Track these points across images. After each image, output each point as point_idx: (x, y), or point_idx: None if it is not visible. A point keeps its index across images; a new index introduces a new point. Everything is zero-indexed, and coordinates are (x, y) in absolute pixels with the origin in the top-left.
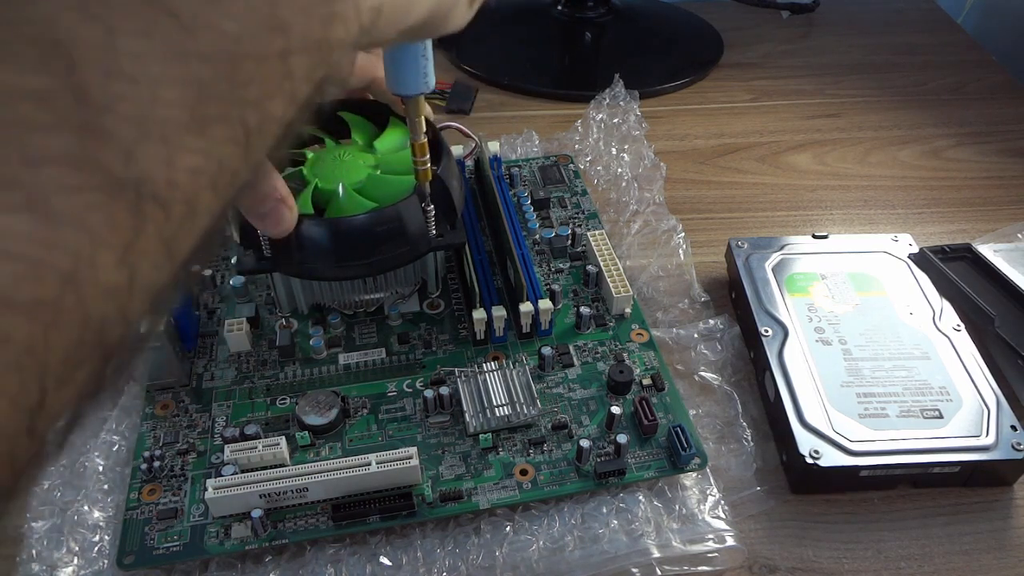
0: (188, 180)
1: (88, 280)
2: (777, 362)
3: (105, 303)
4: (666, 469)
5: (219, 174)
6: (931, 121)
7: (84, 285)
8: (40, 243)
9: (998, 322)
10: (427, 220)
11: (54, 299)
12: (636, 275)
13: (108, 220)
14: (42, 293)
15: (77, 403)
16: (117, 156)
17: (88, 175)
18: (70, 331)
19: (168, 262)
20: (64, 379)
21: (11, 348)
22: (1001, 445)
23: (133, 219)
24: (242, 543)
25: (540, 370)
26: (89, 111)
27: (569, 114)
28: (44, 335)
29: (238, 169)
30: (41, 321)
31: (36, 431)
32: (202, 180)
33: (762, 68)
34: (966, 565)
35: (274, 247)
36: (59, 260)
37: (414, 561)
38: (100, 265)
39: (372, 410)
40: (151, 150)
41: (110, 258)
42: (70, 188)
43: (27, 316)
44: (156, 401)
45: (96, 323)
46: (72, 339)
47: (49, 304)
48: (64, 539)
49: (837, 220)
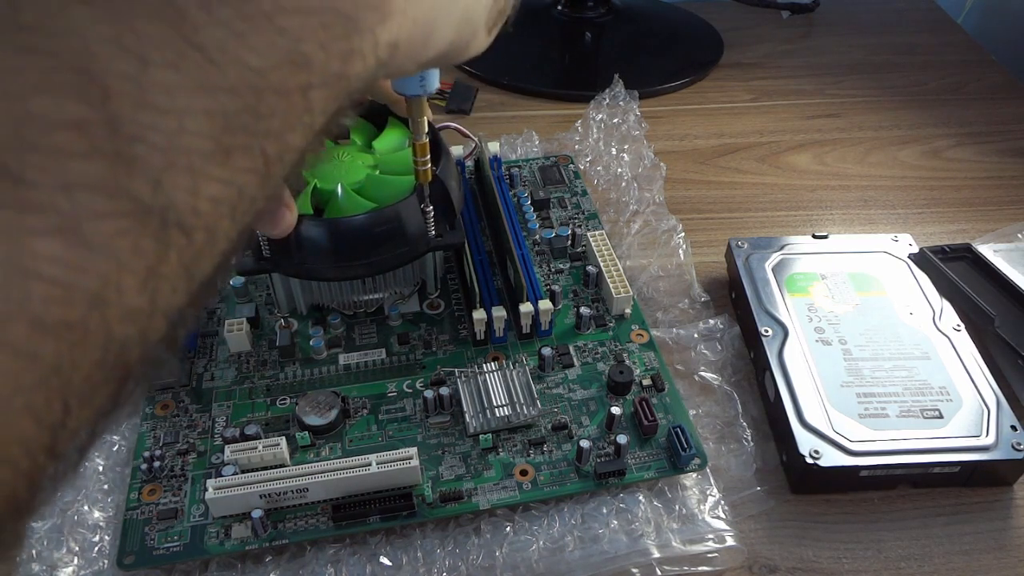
0: (210, 208)
1: (113, 303)
2: (777, 362)
3: (127, 325)
4: (666, 470)
5: (239, 202)
6: (931, 121)
7: (109, 308)
8: (70, 267)
9: (998, 322)
10: (426, 220)
11: (81, 321)
12: (636, 275)
13: (134, 246)
14: (70, 315)
15: (96, 422)
16: (146, 184)
17: (118, 202)
18: (93, 352)
19: (187, 286)
20: (86, 399)
21: (39, 367)
22: (1001, 445)
23: (158, 245)
24: (242, 543)
25: (540, 370)
26: (121, 140)
27: (569, 114)
28: (70, 355)
29: (256, 197)
30: (67, 341)
31: (57, 449)
32: (223, 208)
33: (762, 68)
34: (966, 565)
35: (273, 247)
36: (87, 283)
37: (414, 561)
38: (125, 289)
39: (372, 410)
40: (178, 179)
41: (134, 282)
42: (101, 214)
43: (55, 337)
44: (156, 401)
45: (118, 345)
46: (95, 360)
47: (76, 326)
48: (64, 539)
49: (837, 220)
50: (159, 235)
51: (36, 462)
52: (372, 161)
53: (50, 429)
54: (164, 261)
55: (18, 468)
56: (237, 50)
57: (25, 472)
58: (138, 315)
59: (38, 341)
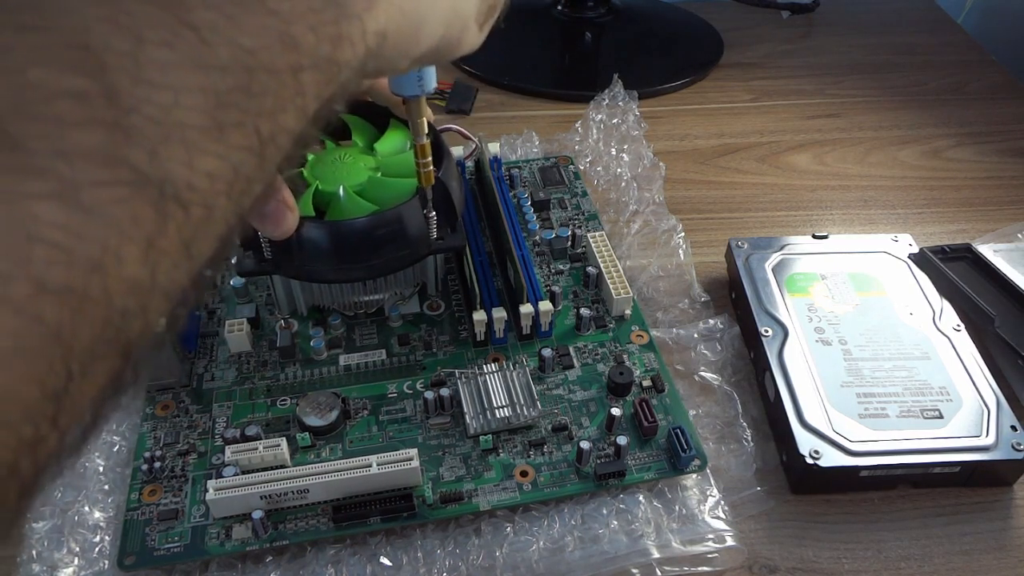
0: (207, 184)
1: (113, 272)
2: (777, 362)
3: (127, 297)
4: (666, 471)
5: (235, 180)
6: (931, 121)
7: (109, 276)
8: (71, 231)
9: (998, 322)
10: (428, 223)
11: (82, 287)
12: (636, 275)
13: (133, 215)
14: (72, 279)
15: (97, 401)
16: (142, 154)
17: (116, 170)
18: (94, 320)
19: (187, 263)
20: (87, 369)
21: (40, 329)
22: (1001, 445)
23: (156, 216)
24: (243, 544)
25: (540, 371)
26: (119, 111)
27: (569, 114)
28: (71, 321)
29: (252, 177)
30: (69, 307)
31: (59, 421)
32: (219, 185)
33: (762, 68)
34: (966, 565)
35: (274, 249)
36: (88, 249)
37: (414, 562)
38: (125, 258)
39: (373, 411)
40: (173, 151)
41: (134, 252)
42: (100, 182)
43: (57, 300)
44: (157, 402)
45: (118, 315)
46: (96, 329)
47: (77, 291)
48: (65, 540)
49: (837, 220)
50: (157, 206)
51: (39, 431)
52: (374, 163)
53: (52, 397)
54: (163, 234)
55: (21, 436)
56: (229, 30)
57: (28, 442)
58: (139, 287)
59: (40, 303)
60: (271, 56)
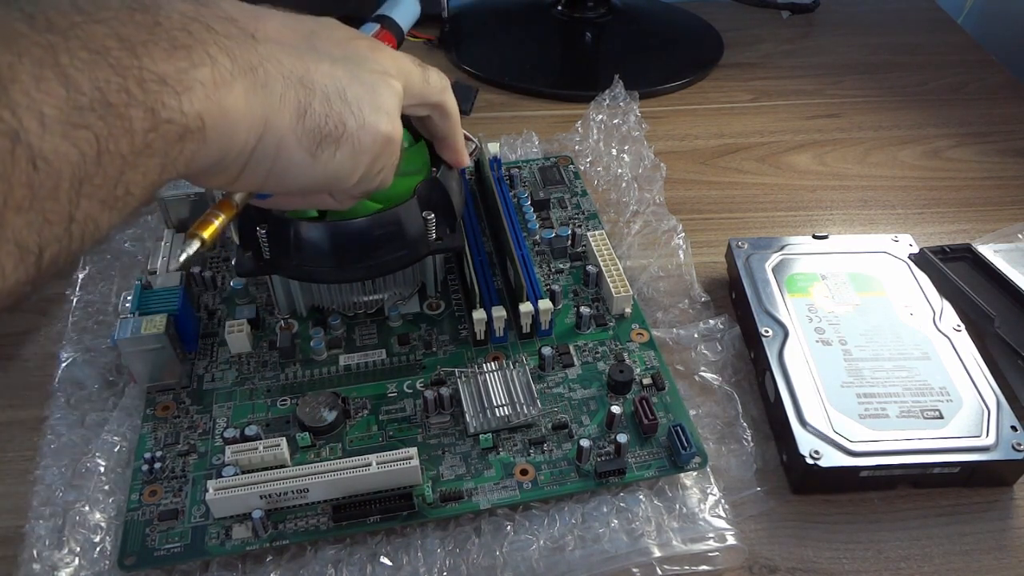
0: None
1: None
2: (777, 362)
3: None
4: (666, 468)
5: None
6: (931, 121)
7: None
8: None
9: (998, 322)
10: (427, 225)
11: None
12: (636, 275)
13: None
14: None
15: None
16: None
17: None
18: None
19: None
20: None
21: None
22: (1001, 445)
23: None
24: (243, 544)
25: (540, 370)
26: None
27: (569, 114)
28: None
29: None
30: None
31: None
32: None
33: (762, 68)
34: (966, 565)
35: (273, 249)
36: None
37: (415, 561)
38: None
39: (372, 411)
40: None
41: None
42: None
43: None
44: (157, 402)
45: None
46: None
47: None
48: (65, 540)
49: (837, 220)
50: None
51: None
52: None
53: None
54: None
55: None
56: (90, 71)
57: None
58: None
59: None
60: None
